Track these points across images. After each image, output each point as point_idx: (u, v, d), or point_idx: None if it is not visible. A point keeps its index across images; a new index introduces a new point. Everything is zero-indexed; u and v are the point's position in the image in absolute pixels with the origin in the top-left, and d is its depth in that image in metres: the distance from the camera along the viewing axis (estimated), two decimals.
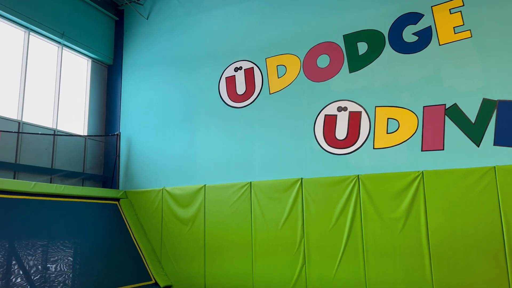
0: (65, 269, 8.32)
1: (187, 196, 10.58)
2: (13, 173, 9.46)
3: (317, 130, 9.56)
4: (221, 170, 10.49)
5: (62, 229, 8.72)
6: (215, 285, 9.78)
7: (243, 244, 9.65)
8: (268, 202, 9.58)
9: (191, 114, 11.21)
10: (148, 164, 11.51)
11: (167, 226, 10.67)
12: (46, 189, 8.89)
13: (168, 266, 10.47)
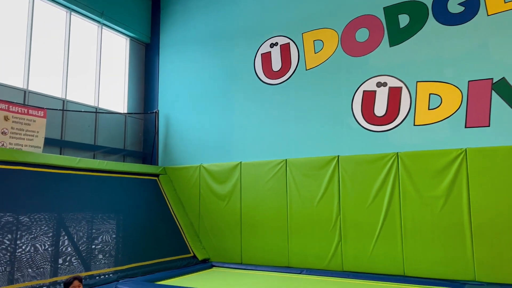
0: (109, 240, 8.74)
1: (224, 172, 10.74)
2: (59, 149, 9.93)
3: (355, 106, 9.35)
4: (257, 147, 10.54)
5: (105, 203, 9.11)
6: (251, 259, 9.99)
7: (279, 220, 9.74)
8: (304, 179, 9.57)
9: (227, 91, 11.25)
10: (185, 141, 11.73)
11: (204, 202, 10.92)
12: (90, 164, 9.27)
13: (206, 240, 10.77)
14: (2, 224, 6.87)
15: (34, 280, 6.84)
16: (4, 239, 6.78)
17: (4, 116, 7.99)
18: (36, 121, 8.59)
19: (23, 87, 9.32)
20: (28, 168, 7.83)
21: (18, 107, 8.34)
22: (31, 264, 6.96)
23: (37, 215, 7.52)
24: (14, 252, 6.83)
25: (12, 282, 6.54)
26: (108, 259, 8.44)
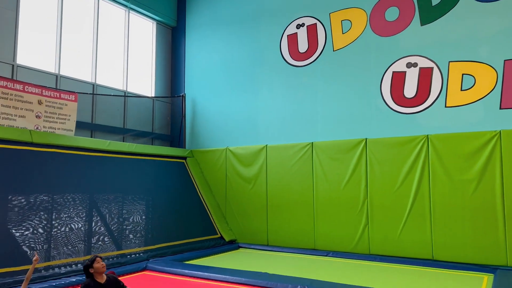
0: (139, 221, 8.99)
1: (250, 155, 10.79)
2: (90, 132, 10.20)
3: (383, 88, 9.14)
4: (283, 130, 10.51)
5: (135, 184, 9.34)
6: (277, 240, 10.08)
7: (305, 202, 9.75)
8: (330, 162, 9.50)
9: (253, 74, 11.20)
10: (212, 124, 11.82)
11: (231, 184, 11.04)
12: (119, 147, 9.48)
13: (233, 221, 10.92)
14: (38, 204, 7.16)
15: (69, 258, 7.14)
16: (41, 218, 7.09)
17: (38, 100, 8.25)
18: (68, 105, 8.82)
19: (54, 72, 9.57)
20: (61, 151, 8.09)
21: (50, 91, 8.58)
22: (66, 242, 7.26)
23: (71, 195, 7.80)
24: (51, 231, 7.13)
25: (49, 259, 6.86)
26: (139, 239, 8.69)
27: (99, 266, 4.56)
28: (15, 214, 6.77)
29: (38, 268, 6.55)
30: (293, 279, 6.40)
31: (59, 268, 6.86)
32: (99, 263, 4.58)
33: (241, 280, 6.53)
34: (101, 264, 4.60)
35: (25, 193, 7.04)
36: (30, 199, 7.06)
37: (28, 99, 8.07)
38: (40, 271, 6.54)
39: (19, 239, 6.60)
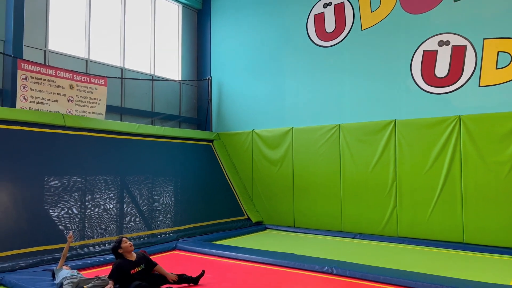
0: (168, 202, 9.19)
1: (276, 138, 10.78)
2: (119, 116, 10.42)
3: (414, 67, 8.88)
4: (309, 112, 10.42)
5: (164, 167, 9.53)
6: (304, 222, 10.12)
7: (332, 185, 9.70)
8: (358, 144, 9.38)
9: (279, 55, 11.09)
10: (238, 107, 11.84)
11: (257, 166, 11.10)
12: (148, 130, 9.66)
13: (259, 203, 11.01)
14: (72, 186, 7.43)
15: (102, 237, 7.41)
16: (75, 199, 7.36)
17: (69, 85, 8.47)
18: (98, 89, 9.02)
19: (84, 57, 9.77)
20: (92, 134, 8.31)
21: (81, 75, 8.78)
22: (99, 222, 7.53)
23: (103, 177, 8.04)
24: (84, 211, 7.40)
25: (83, 238, 7.14)
26: (168, 220, 8.91)
27: (126, 245, 4.72)
28: (51, 195, 7.05)
29: (74, 247, 6.83)
30: (321, 260, 6.43)
31: (93, 246, 7.13)
32: (126, 242, 4.74)
33: (268, 260, 6.62)
34: (128, 243, 4.76)
35: (60, 175, 7.31)
36: (64, 180, 7.33)
37: (60, 84, 8.29)
38: (75, 249, 6.82)
39: (55, 219, 6.88)
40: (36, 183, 6.93)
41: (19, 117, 7.18)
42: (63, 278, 4.85)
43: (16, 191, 6.58)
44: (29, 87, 7.78)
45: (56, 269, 5.33)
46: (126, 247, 4.72)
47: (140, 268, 4.83)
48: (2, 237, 6.08)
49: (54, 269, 5.40)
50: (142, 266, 4.84)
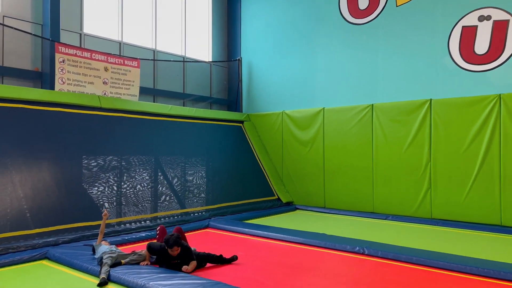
0: (200, 182, 9.37)
1: (306, 118, 10.70)
2: (152, 97, 10.62)
3: (451, 44, 8.53)
4: (341, 92, 10.25)
5: (196, 147, 9.68)
6: (334, 203, 10.09)
7: (363, 166, 9.59)
8: (392, 125, 9.19)
9: (310, 34, 10.91)
10: (268, 88, 11.80)
11: (287, 147, 11.09)
12: (180, 111, 9.81)
13: (289, 184, 11.05)
14: (108, 166, 7.69)
15: (138, 215, 7.67)
16: (112, 178, 7.62)
17: (104, 67, 8.68)
18: (131, 71, 9.20)
19: (118, 39, 9.94)
20: (127, 115, 8.52)
21: (115, 58, 8.97)
22: (135, 201, 7.78)
23: (137, 157, 8.27)
24: (120, 190, 7.67)
25: (120, 216, 7.41)
26: (200, 199, 9.11)
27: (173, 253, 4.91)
28: (89, 174, 7.33)
29: (111, 224, 7.12)
30: (352, 240, 6.43)
31: (130, 224, 7.40)
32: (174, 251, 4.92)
33: (299, 240, 6.67)
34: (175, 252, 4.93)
35: (97, 155, 7.57)
36: (101, 160, 7.59)
37: (95, 66, 8.51)
38: (113, 226, 7.10)
39: (93, 197, 7.17)
40: (75, 163, 7.22)
41: (58, 99, 7.45)
42: (102, 253, 5.08)
43: (57, 170, 6.88)
44: (67, 69, 8.02)
45: (95, 245, 5.57)
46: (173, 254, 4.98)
47: (179, 261, 5.07)
48: (46, 213, 6.40)
49: (94, 244, 5.65)
50: (179, 261, 5.07)
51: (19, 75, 8.15)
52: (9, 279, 4.81)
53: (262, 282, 4.69)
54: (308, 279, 4.84)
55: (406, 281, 4.72)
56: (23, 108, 6.92)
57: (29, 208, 6.26)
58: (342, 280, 4.80)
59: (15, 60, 8.15)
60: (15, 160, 6.42)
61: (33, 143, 6.77)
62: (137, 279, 4.43)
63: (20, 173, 6.40)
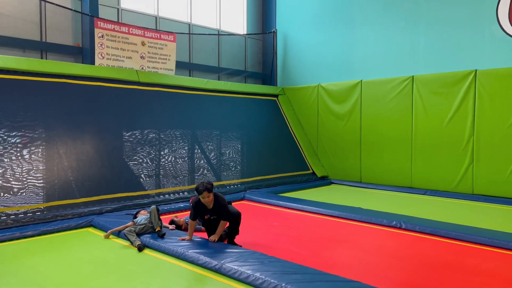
0: (235, 155, 9.48)
1: (343, 92, 10.48)
2: (188, 71, 10.71)
3: (500, 10, 7.99)
4: (380, 63, 9.93)
5: (231, 121, 9.75)
6: (371, 177, 9.96)
7: (402, 140, 9.35)
8: (433, 97, 8.84)
9: (347, 4, 10.53)
10: (303, 61, 11.59)
11: (323, 121, 10.96)
12: (215, 85, 9.85)
13: (324, 158, 10.97)
14: (147, 139, 7.90)
15: (176, 186, 7.89)
16: (151, 151, 7.84)
17: (141, 42, 8.80)
18: (168, 45, 9.27)
19: (154, 14, 10.01)
20: (164, 89, 8.66)
21: (151, 32, 9.05)
22: (173, 173, 8.00)
23: (174, 131, 8.44)
24: (159, 162, 7.89)
25: (159, 187, 7.66)
26: (236, 172, 9.24)
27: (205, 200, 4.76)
28: (129, 148, 7.57)
29: (151, 194, 7.37)
30: (389, 214, 6.36)
31: (168, 195, 7.64)
32: (205, 198, 4.71)
33: (334, 213, 6.67)
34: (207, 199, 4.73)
35: (136, 128, 7.79)
36: (140, 134, 7.81)
37: (133, 41, 8.64)
38: (153, 197, 7.36)
39: (133, 169, 7.43)
40: (116, 136, 7.47)
41: (98, 74, 7.66)
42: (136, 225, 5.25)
43: (99, 143, 7.15)
44: (106, 44, 8.20)
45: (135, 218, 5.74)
46: (205, 202, 4.81)
47: (214, 218, 4.96)
48: (90, 183, 6.71)
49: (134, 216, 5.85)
50: (214, 217, 4.94)
51: (61, 50, 8.42)
52: (58, 244, 5.13)
53: (297, 253, 4.76)
54: (343, 251, 4.86)
55: (444, 256, 4.64)
56: (66, 82, 7.17)
57: (74, 179, 6.58)
58: (378, 252, 4.79)
59: (57, 35, 8.41)
60: (60, 133, 6.72)
61: (76, 116, 7.04)
62: (176, 247, 4.60)
63: (65, 145, 6.70)
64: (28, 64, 6.77)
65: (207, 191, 4.70)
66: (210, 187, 4.73)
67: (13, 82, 6.55)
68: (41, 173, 6.27)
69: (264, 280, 3.62)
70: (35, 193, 6.10)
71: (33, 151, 6.33)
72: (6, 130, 6.17)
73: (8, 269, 4.20)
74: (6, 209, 5.74)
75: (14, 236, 5.26)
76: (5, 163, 5.98)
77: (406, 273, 4.11)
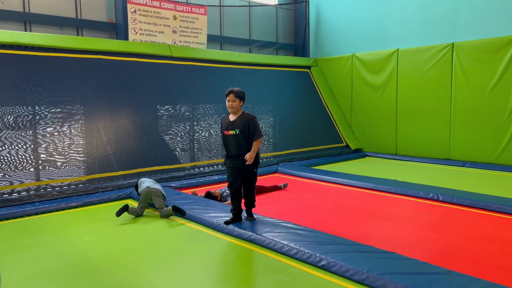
0: (267, 128, 9.47)
1: (378, 61, 10.15)
2: (219, 44, 10.66)
3: None
4: (417, 31, 9.50)
5: (263, 94, 9.70)
6: (406, 150, 9.73)
7: (440, 111, 9.03)
8: (474, 65, 8.42)
9: None
10: (337, 31, 11.27)
11: (357, 93, 10.71)
12: (247, 58, 9.78)
13: (358, 130, 10.78)
14: (180, 113, 8.01)
15: (210, 160, 8.02)
16: (185, 125, 7.96)
17: (173, 16, 8.80)
18: (199, 19, 9.23)
19: None
20: (196, 63, 8.69)
21: (183, 6, 9.03)
22: (207, 146, 8.11)
23: (207, 105, 8.50)
24: (193, 136, 8.01)
25: (194, 160, 7.80)
26: (268, 145, 9.25)
27: (227, 104, 4.30)
28: (164, 122, 7.71)
29: (186, 167, 7.53)
30: (425, 187, 6.22)
31: (203, 168, 7.78)
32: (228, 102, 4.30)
33: (369, 185, 6.59)
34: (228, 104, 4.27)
35: (170, 103, 7.90)
36: (174, 108, 7.92)
37: (164, 15, 8.65)
38: (188, 170, 7.52)
39: (169, 143, 7.58)
40: (151, 110, 7.61)
41: (132, 49, 7.76)
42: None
43: (135, 117, 7.32)
44: (138, 20, 8.26)
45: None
46: (229, 107, 4.30)
47: (234, 133, 4.27)
48: (128, 157, 6.93)
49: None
50: (237, 131, 4.24)
51: (96, 27, 8.57)
52: (100, 214, 5.37)
53: (331, 223, 4.77)
54: (378, 222, 4.83)
55: (483, 228, 4.52)
56: (101, 59, 7.32)
57: (113, 152, 6.80)
58: (414, 224, 4.72)
59: (92, 12, 8.54)
60: (97, 108, 6.92)
61: (112, 92, 7.21)
62: (212, 219, 4.70)
63: (103, 120, 6.91)
64: (65, 41, 6.95)
65: (233, 94, 4.30)
66: (239, 93, 4.32)
67: (52, 59, 6.75)
68: (82, 147, 6.52)
69: (298, 250, 3.67)
70: (77, 167, 6.37)
71: (73, 126, 6.57)
72: (47, 106, 6.42)
73: (56, 237, 4.45)
74: (51, 181, 6.04)
75: (60, 207, 5.56)
76: (48, 138, 6.26)
77: (443, 244, 4.05)
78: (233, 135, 4.32)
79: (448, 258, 3.69)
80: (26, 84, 6.31)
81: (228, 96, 4.33)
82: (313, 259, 3.51)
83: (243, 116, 4.36)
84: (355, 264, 3.27)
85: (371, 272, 3.13)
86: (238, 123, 4.31)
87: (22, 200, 5.60)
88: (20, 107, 6.16)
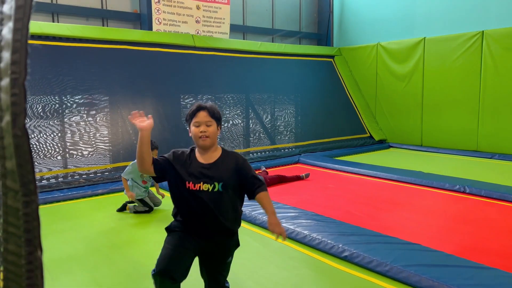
0: (289, 119, 9.43)
1: (404, 50, 9.91)
2: (242, 34, 10.62)
3: None
4: (445, 18, 9.22)
5: (285, 84, 9.64)
6: (432, 141, 9.52)
7: (468, 101, 8.78)
8: (505, 53, 8.13)
9: None
10: (361, 19, 11.05)
11: (381, 82, 10.51)
12: (269, 48, 9.72)
13: (383, 121, 10.61)
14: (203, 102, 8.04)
15: (233, 150, 8.05)
16: None
17: (196, 6, 8.81)
18: (222, 8, 9.22)
19: None
20: (219, 53, 8.70)
21: None
22: (229, 136, 8.16)
23: (230, 95, 8.52)
24: None
25: None
26: (290, 135, 9.22)
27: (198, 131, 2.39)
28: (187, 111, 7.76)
29: None
30: (451, 178, 6.08)
31: None
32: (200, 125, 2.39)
33: (393, 176, 6.49)
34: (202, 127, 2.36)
35: (193, 93, 7.95)
36: (196, 98, 7.97)
37: (188, 5, 8.67)
38: None
39: None
40: (174, 100, 7.69)
41: (156, 39, 7.83)
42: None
43: (159, 107, 7.41)
44: (162, 10, 8.31)
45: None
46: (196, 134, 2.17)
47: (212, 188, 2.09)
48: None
49: None
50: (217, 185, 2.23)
51: (120, 17, 8.66)
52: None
53: (354, 214, 4.73)
54: (402, 214, 4.76)
55: None
56: (126, 49, 7.42)
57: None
58: (439, 216, 4.63)
59: (117, 3, 8.63)
60: (122, 98, 7.04)
61: (136, 81, 7.31)
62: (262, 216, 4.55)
63: (127, 109, 7.02)
64: (91, 32, 7.07)
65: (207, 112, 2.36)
66: (215, 111, 2.39)
67: (79, 49, 6.88)
68: (107, 136, 6.66)
69: (321, 240, 3.66)
70: (103, 155, 6.52)
71: (99, 115, 6.71)
72: (74, 95, 6.57)
73: (83, 222, 4.58)
74: (78, 169, 6.21)
75: (87, 194, 5.71)
76: (74, 127, 6.41)
77: (469, 237, 3.96)
78: (209, 192, 2.28)
79: (474, 251, 3.61)
80: (52, 74, 6.46)
81: (196, 115, 2.38)
82: (335, 250, 3.50)
83: (226, 157, 2.39)
84: (379, 255, 3.24)
85: (395, 264, 3.09)
86: (220, 169, 2.33)
87: (51, 187, 5.78)
88: (48, 96, 6.32)
